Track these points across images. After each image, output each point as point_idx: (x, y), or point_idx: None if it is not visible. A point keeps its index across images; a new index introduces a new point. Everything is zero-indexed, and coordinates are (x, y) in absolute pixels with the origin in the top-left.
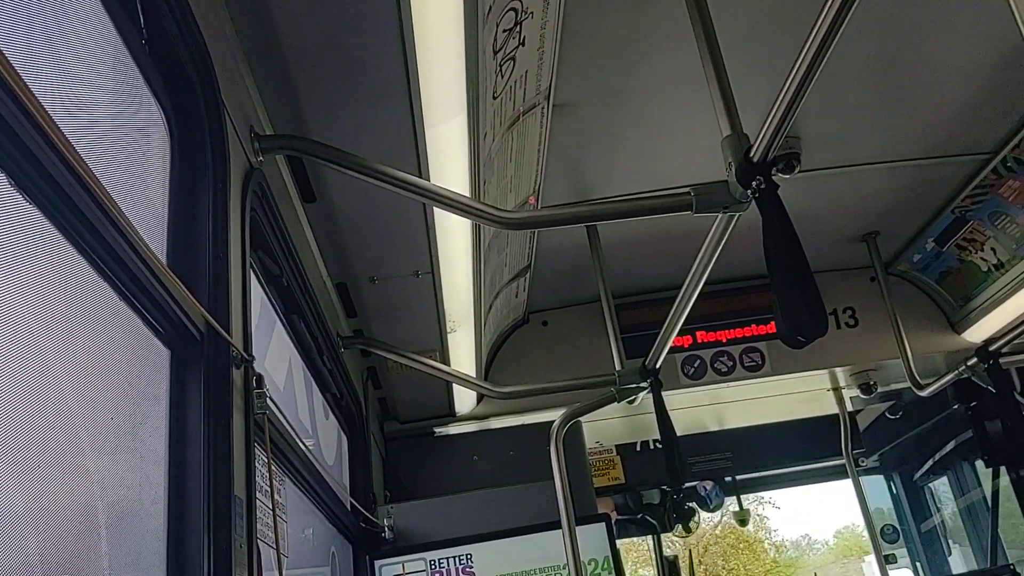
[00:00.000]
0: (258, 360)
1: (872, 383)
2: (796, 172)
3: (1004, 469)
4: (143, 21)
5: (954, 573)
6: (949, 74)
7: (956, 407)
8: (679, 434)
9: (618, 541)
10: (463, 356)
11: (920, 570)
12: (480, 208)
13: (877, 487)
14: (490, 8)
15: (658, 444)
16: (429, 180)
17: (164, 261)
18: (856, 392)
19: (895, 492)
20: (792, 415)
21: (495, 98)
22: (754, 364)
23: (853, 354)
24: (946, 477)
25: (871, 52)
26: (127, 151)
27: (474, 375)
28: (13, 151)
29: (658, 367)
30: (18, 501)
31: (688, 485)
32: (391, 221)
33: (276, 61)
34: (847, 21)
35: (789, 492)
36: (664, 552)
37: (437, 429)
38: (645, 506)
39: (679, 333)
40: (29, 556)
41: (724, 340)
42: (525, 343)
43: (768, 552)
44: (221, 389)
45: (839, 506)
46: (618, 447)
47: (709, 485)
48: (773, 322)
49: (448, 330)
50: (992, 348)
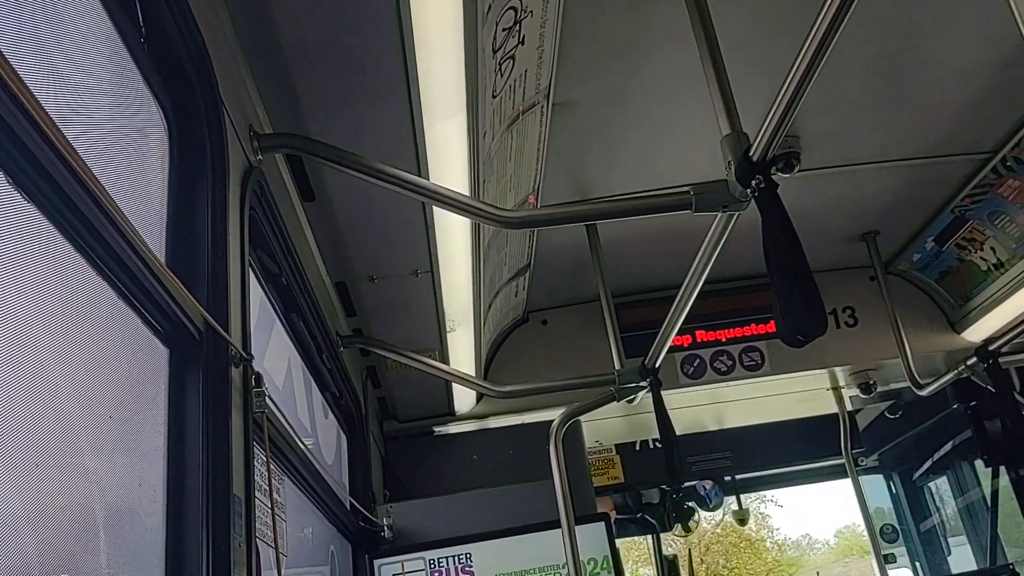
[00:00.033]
0: (257, 359)
1: (872, 382)
2: (796, 171)
3: (1003, 469)
4: (142, 19)
5: (953, 573)
6: (949, 74)
7: (955, 407)
8: (678, 433)
9: (618, 540)
10: (462, 355)
11: (919, 570)
12: (479, 207)
13: (876, 487)
14: (489, 7)
15: (657, 443)
16: (428, 179)
17: (163, 260)
18: (856, 391)
19: (894, 492)
20: (791, 414)
21: (495, 97)
22: (754, 363)
23: (852, 353)
24: (945, 477)
25: (871, 51)
26: (126, 150)
27: (473, 374)
28: (11, 149)
29: (657, 366)
30: (16, 500)
31: (687, 484)
32: (390, 220)
33: (275, 60)
34: (846, 20)
35: (789, 492)
36: (664, 551)
37: (436, 428)
38: (644, 505)
39: (679, 332)
40: (28, 555)
41: (724, 339)
42: (524, 342)
43: (770, 551)
44: (220, 388)
45: (839, 506)
46: (617, 446)
47: (708, 484)
48: (772, 321)
49: (447, 329)
50: (992, 348)
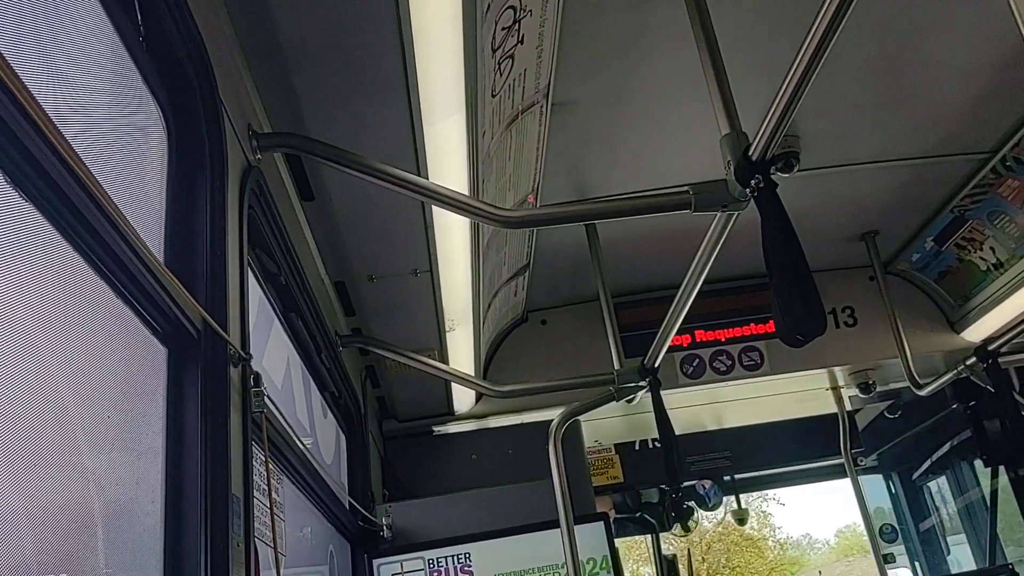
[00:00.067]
0: (256, 358)
1: (871, 382)
2: (795, 171)
3: (1003, 468)
4: (140, 19)
5: (953, 572)
6: (948, 74)
7: (955, 406)
8: (678, 433)
9: (617, 540)
10: (462, 355)
11: (919, 569)
12: (479, 206)
13: (876, 486)
14: (488, 6)
15: (657, 443)
16: (428, 178)
17: (161, 259)
18: (855, 391)
19: (894, 491)
20: (791, 414)
21: (494, 96)
22: (753, 363)
23: (852, 353)
24: (945, 477)
25: (870, 51)
26: (124, 149)
27: (473, 374)
28: (10, 149)
29: (657, 366)
30: (15, 499)
31: (687, 484)
32: (389, 219)
33: (274, 59)
34: (846, 20)
35: (790, 491)
36: (663, 551)
37: (436, 428)
38: (644, 505)
39: (678, 332)
40: (26, 555)
41: (723, 339)
42: (524, 342)
43: (772, 550)
44: (218, 388)
45: (840, 505)
46: (617, 446)
47: (708, 484)
48: (772, 321)
49: (447, 329)
50: (991, 347)
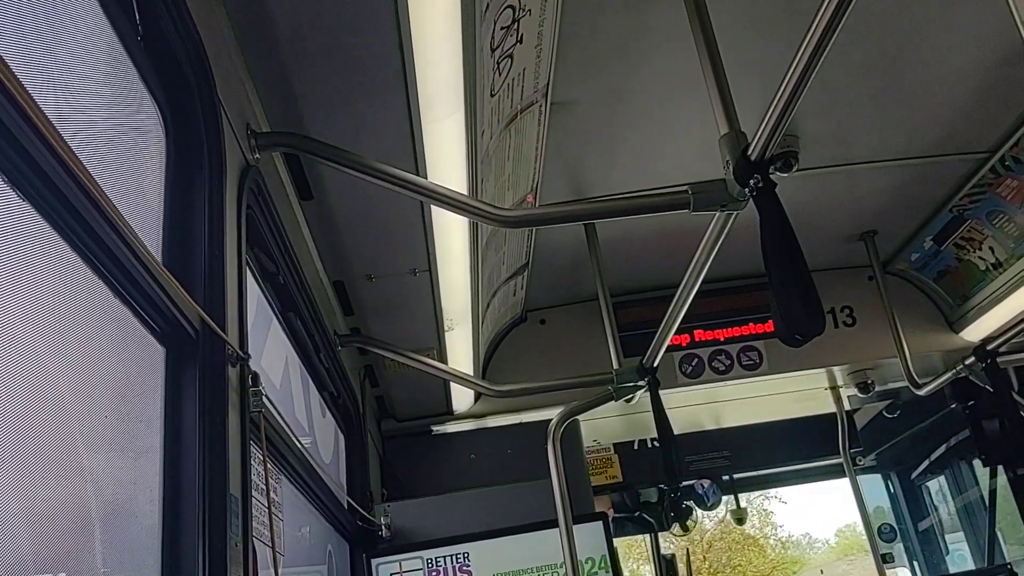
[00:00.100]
0: (254, 358)
1: (870, 382)
2: (794, 171)
3: (1001, 468)
4: (138, 17)
5: (951, 572)
6: (947, 73)
7: (953, 406)
8: (677, 433)
9: (616, 539)
10: (460, 354)
11: (917, 569)
12: (477, 206)
13: (875, 486)
14: (487, 5)
15: (656, 443)
16: (426, 178)
17: (160, 259)
18: (854, 391)
19: (892, 491)
20: (789, 414)
21: (493, 95)
22: (752, 363)
23: (851, 353)
24: (943, 476)
25: (869, 51)
26: (122, 148)
27: (472, 373)
28: (7, 148)
29: (656, 366)
30: (13, 499)
31: (685, 483)
32: (388, 219)
33: (273, 58)
34: (844, 20)
35: (790, 491)
36: (663, 550)
37: (434, 427)
38: (643, 504)
39: (677, 332)
40: (23, 554)
41: (722, 339)
42: (523, 341)
43: (774, 548)
44: (217, 387)
45: (839, 504)
46: (616, 445)
47: (706, 483)
48: (771, 321)
49: (445, 328)
50: (990, 347)
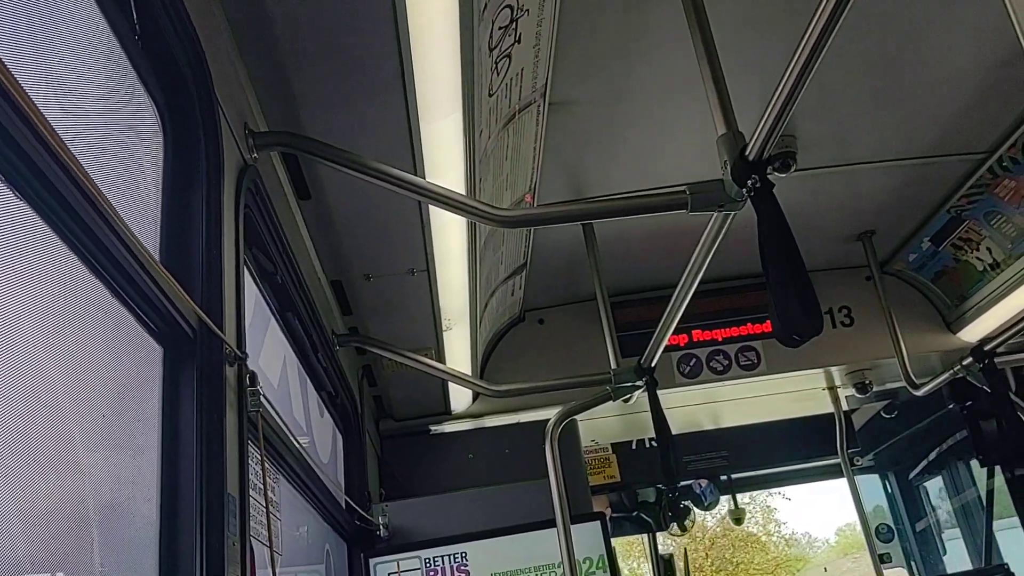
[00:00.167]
0: (252, 357)
1: (867, 382)
2: (792, 171)
3: (999, 468)
4: (136, 16)
5: (949, 572)
6: (946, 73)
7: (951, 407)
8: (674, 432)
9: (615, 539)
10: (459, 354)
11: (915, 569)
12: (476, 206)
13: (872, 486)
14: (486, 5)
15: (654, 443)
16: (424, 177)
17: (157, 258)
18: (851, 391)
19: (890, 491)
20: (787, 414)
21: (491, 95)
22: (750, 363)
23: (848, 353)
24: (941, 477)
25: (868, 51)
26: (120, 147)
27: (470, 373)
28: (4, 147)
29: (653, 366)
30: (10, 498)
31: (683, 483)
32: (386, 218)
33: (271, 58)
34: (842, 20)
35: (790, 490)
36: (661, 550)
37: (432, 427)
38: (640, 504)
39: (675, 332)
40: (19, 554)
41: (720, 339)
42: (521, 341)
43: (777, 546)
44: (214, 387)
45: (838, 504)
46: (614, 445)
47: (704, 483)
48: (768, 321)
49: (444, 328)
50: (987, 348)
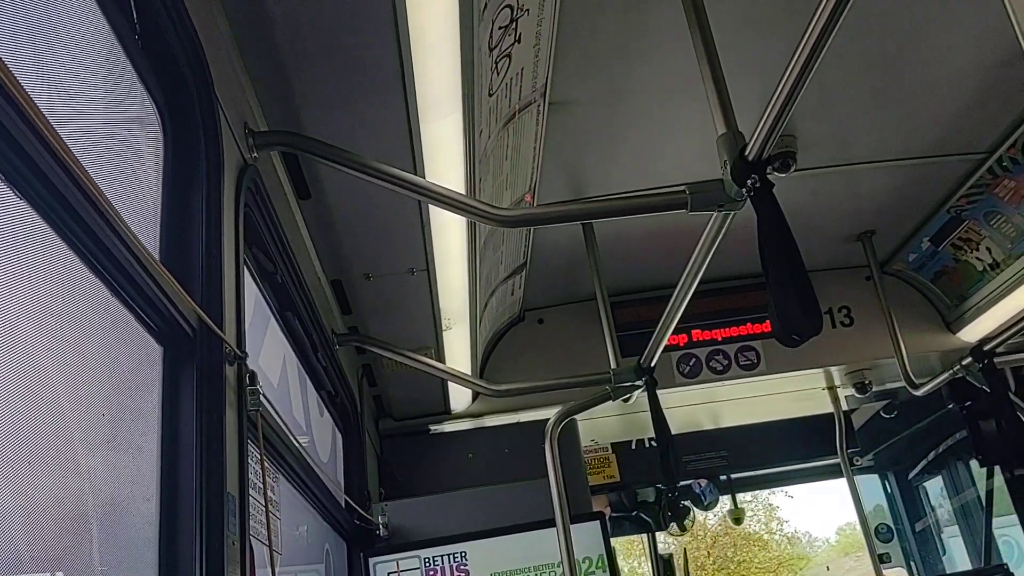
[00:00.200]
0: (252, 357)
1: (867, 382)
2: (792, 171)
3: (998, 468)
4: (136, 15)
5: (948, 572)
6: (946, 73)
7: (951, 407)
8: (674, 432)
9: (614, 539)
10: (458, 354)
11: (914, 569)
12: (475, 206)
13: (872, 486)
14: (486, 5)
15: (653, 442)
16: (424, 177)
17: (157, 257)
18: (851, 391)
19: (889, 491)
20: (787, 414)
21: (491, 95)
22: (749, 363)
23: (848, 353)
24: (940, 477)
25: (867, 51)
26: (120, 146)
27: (469, 373)
28: (4, 146)
29: (653, 365)
30: (10, 497)
31: (683, 483)
32: (386, 218)
33: (271, 57)
34: (842, 19)
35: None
36: (661, 549)
37: (432, 427)
38: (640, 504)
39: (674, 332)
40: (19, 553)
41: (719, 339)
42: (521, 341)
43: (779, 544)
44: (214, 386)
45: (838, 504)
46: (613, 445)
47: (704, 483)
48: (768, 321)
49: (443, 327)
50: (987, 348)
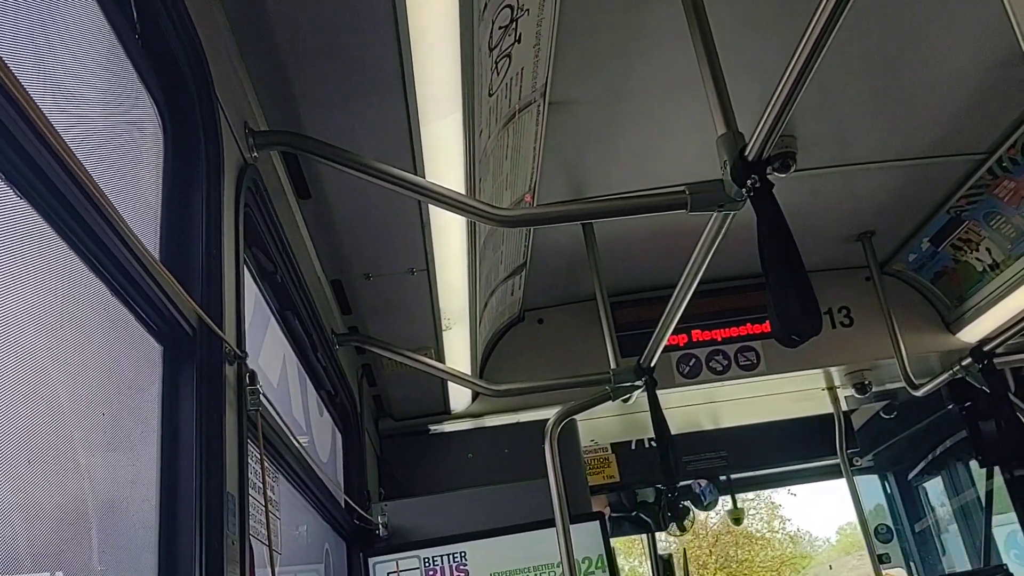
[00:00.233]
0: (252, 357)
1: (867, 383)
2: (792, 171)
3: (998, 469)
4: (136, 15)
5: (947, 572)
6: (946, 74)
7: (950, 407)
8: (674, 433)
9: (613, 539)
10: (458, 354)
11: (914, 569)
12: (475, 205)
13: (871, 487)
14: (486, 5)
15: (653, 443)
16: (424, 177)
17: (157, 257)
18: (851, 392)
19: (889, 492)
20: (787, 414)
21: (491, 95)
22: (749, 363)
23: (848, 353)
24: (940, 477)
25: (868, 51)
26: (120, 146)
27: (469, 373)
28: (4, 146)
29: (653, 366)
30: (9, 496)
31: (683, 484)
32: (386, 218)
33: (271, 57)
34: (842, 19)
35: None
36: (661, 549)
37: (432, 427)
38: (640, 504)
39: (674, 332)
40: (19, 552)
41: (719, 339)
42: (520, 341)
43: (782, 543)
44: (214, 385)
45: (838, 504)
46: (613, 445)
47: (703, 483)
48: (768, 321)
49: (443, 327)
50: (986, 348)
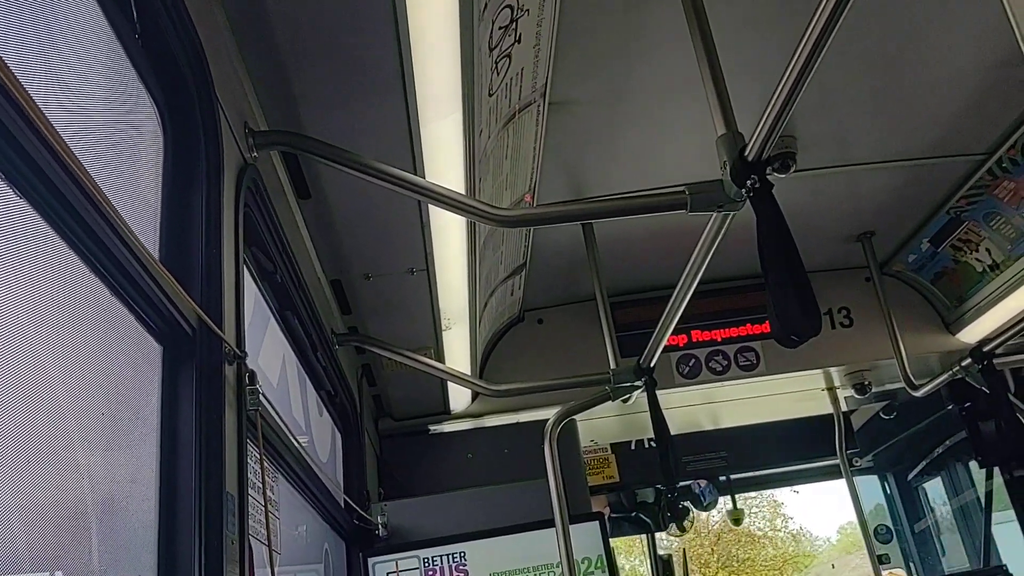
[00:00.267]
0: (251, 356)
1: (866, 383)
2: (791, 171)
3: (997, 470)
4: (136, 15)
5: (947, 573)
6: (946, 74)
7: (950, 408)
8: (673, 433)
9: (613, 539)
10: (458, 354)
11: (914, 570)
12: (475, 206)
13: (871, 487)
14: (486, 5)
15: (653, 443)
16: (424, 177)
17: (157, 257)
18: (850, 392)
19: (889, 492)
20: (786, 415)
21: (491, 95)
22: (749, 363)
23: (847, 354)
24: (940, 478)
25: (867, 51)
26: (120, 146)
27: (469, 373)
28: (4, 145)
29: (652, 366)
30: (8, 497)
31: (682, 484)
32: (386, 218)
33: (271, 57)
34: (842, 20)
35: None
36: (661, 549)
37: (432, 427)
38: (639, 504)
39: (674, 332)
40: (18, 551)
41: (719, 339)
42: (520, 341)
43: (784, 542)
44: (213, 385)
45: (838, 504)
46: (613, 445)
47: (703, 484)
48: (768, 321)
49: (443, 327)
50: (986, 349)
